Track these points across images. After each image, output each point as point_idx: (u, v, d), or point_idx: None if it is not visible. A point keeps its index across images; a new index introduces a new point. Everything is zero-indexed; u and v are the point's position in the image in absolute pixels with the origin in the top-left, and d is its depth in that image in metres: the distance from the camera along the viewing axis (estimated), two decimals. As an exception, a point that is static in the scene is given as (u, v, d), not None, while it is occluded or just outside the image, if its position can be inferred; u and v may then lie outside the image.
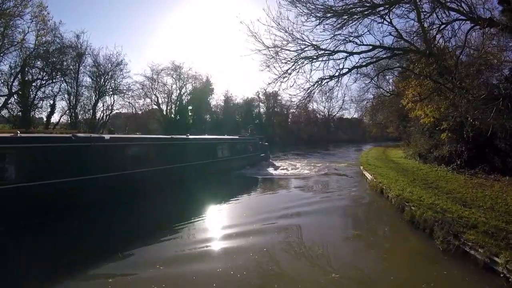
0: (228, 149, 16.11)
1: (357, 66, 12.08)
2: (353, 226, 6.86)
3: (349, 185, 12.38)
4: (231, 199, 9.80)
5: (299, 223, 7.07)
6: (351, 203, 9.32)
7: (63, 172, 7.24)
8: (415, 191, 8.50)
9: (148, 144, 10.51)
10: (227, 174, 14.76)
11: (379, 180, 10.16)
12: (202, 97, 36.55)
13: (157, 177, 10.06)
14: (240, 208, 8.78)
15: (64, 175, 7.21)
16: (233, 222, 7.16)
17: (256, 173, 15.63)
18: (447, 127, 12.13)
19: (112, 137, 8.89)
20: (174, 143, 11.83)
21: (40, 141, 7.25)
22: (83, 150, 7.74)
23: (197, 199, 9.59)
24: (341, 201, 9.47)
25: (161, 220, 7.49)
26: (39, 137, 7.73)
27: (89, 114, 28.20)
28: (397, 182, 9.78)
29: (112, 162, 8.53)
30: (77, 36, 27.74)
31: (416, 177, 11.23)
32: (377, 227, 6.84)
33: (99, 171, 8.02)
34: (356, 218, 7.73)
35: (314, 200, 9.47)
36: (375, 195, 9.80)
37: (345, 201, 9.57)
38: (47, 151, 7.13)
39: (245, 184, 13.10)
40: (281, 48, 10.99)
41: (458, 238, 5.54)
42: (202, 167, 12.88)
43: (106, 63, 28.04)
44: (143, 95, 33.01)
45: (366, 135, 52.48)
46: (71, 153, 7.53)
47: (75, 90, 28.23)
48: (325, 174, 15.36)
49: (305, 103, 12.46)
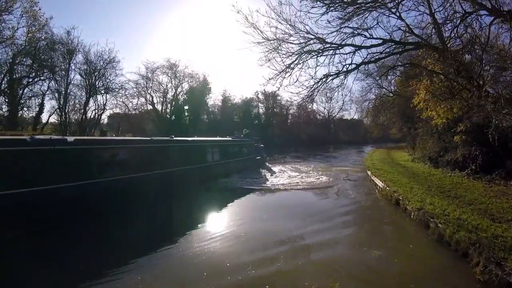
0: (220, 152, 14.42)
1: (366, 62, 11.05)
2: (370, 244, 5.78)
3: (358, 193, 11.17)
4: (214, 228, 6.92)
5: (307, 243, 5.98)
6: (364, 216, 8.19)
7: (13, 182, 5.93)
8: (436, 202, 7.45)
9: (121, 147, 8.79)
10: (216, 182, 12.57)
11: (393, 188, 9.08)
12: (199, 97, 35.24)
13: (130, 188, 8.32)
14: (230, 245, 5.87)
15: (14, 185, 5.91)
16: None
17: (251, 182, 13.15)
18: (464, 128, 11.10)
19: (76, 139, 7.54)
20: (153, 146, 10.07)
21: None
22: (40, 155, 6.42)
23: (164, 227, 7.19)
24: (351, 213, 8.36)
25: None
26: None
27: (79, 113, 26.94)
28: (412, 191, 8.73)
29: (76, 170, 7.11)
30: (68, 32, 26.56)
31: (430, 184, 10.21)
32: (399, 248, 5.76)
33: (59, 180, 6.62)
34: (373, 235, 6.62)
35: (324, 216, 8.08)
36: (390, 206, 8.68)
37: (356, 213, 8.44)
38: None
39: (234, 200, 10.02)
40: (283, 41, 9.93)
41: (501, 267, 4.51)
42: (187, 173, 11.19)
43: (97, 60, 26.81)
44: (137, 94, 31.80)
45: (367, 136, 51.54)
46: (24, 159, 6.21)
47: (65, 88, 27.02)
48: (329, 182, 13.04)
49: (308, 102, 11.41)
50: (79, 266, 4.94)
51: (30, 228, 5.98)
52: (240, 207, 9.30)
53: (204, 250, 5.58)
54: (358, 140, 53.01)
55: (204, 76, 37.17)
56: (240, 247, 5.75)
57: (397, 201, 8.12)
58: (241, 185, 12.39)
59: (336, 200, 10.19)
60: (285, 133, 46.61)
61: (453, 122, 12.74)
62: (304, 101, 10.91)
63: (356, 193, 11.25)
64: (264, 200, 10.59)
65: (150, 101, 32.93)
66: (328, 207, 9.21)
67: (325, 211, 8.47)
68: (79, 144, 7.36)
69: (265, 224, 7.20)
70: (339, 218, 7.77)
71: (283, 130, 47.45)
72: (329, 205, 9.50)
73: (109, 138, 11.23)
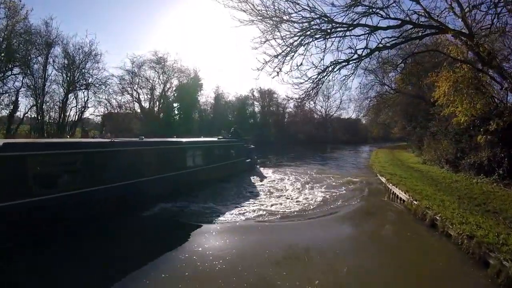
0: (202, 156, 11.66)
1: (381, 47, 9.26)
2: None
3: (378, 207, 9.04)
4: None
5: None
6: (394, 248, 5.93)
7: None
8: (481, 222, 5.71)
9: (56, 154, 6.31)
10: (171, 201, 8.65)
11: (423, 203, 7.12)
12: (190, 94, 32.81)
13: (71, 208, 6.19)
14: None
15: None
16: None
17: (222, 203, 8.92)
18: (495, 127, 9.43)
19: (5, 143, 5.48)
20: (107, 151, 7.42)
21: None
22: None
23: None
24: (379, 240, 6.40)
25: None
26: None
27: (58, 112, 24.70)
28: (445, 205, 6.97)
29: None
30: (46, 23, 24.26)
31: (459, 193, 8.49)
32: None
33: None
34: (416, 276, 4.75)
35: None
36: (421, 227, 6.66)
37: (383, 242, 6.40)
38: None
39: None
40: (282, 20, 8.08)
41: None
42: (157, 184, 8.59)
43: (76, 53, 24.55)
44: (121, 89, 29.29)
45: (368, 135, 50.05)
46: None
47: (42, 84, 24.73)
48: (336, 207, 8.87)
49: (312, 96, 9.59)
50: None
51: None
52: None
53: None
54: (357, 140, 51.44)
55: (195, 72, 34.85)
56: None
57: (432, 223, 6.31)
58: (196, 215, 7.63)
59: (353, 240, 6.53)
60: (281, 132, 44.69)
61: (473, 120, 11.09)
62: (307, 94, 9.10)
63: (375, 204, 9.32)
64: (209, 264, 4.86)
65: (136, 98, 30.65)
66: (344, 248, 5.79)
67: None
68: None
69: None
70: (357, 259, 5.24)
71: (280, 130, 45.52)
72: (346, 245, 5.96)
73: (40, 142, 7.79)
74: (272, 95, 47.32)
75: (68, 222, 6.12)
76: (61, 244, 5.59)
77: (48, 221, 5.79)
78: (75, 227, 6.14)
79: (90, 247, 5.55)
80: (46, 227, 5.73)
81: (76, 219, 6.25)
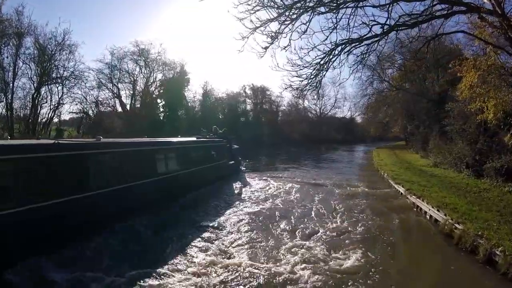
0: (177, 160, 9.60)
1: (400, 25, 7.50)
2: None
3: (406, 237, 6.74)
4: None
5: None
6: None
7: None
8: None
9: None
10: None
11: (471, 229, 5.11)
12: (176, 90, 30.20)
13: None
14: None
15: None
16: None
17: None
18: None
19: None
20: (52, 157, 5.57)
21: None
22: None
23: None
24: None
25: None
26: None
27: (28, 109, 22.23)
28: (492, 227, 5.22)
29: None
30: (17, 12, 21.69)
31: (498, 208, 6.77)
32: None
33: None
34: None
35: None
36: (476, 266, 4.73)
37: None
38: None
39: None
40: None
41: None
42: (115, 198, 6.65)
43: (47, 42, 22.05)
44: (99, 83, 26.62)
45: (366, 135, 48.54)
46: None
47: (12, 78, 22.22)
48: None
49: (314, 88, 7.71)
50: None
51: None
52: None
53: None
54: (351, 139, 49.90)
55: (181, 65, 32.22)
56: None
57: (489, 258, 4.51)
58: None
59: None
60: (275, 131, 42.64)
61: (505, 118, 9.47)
62: (309, 83, 7.21)
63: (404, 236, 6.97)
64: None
65: (116, 94, 28.04)
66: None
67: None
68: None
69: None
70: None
71: (273, 129, 43.47)
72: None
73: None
74: (265, 92, 45.39)
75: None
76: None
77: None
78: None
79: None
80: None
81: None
